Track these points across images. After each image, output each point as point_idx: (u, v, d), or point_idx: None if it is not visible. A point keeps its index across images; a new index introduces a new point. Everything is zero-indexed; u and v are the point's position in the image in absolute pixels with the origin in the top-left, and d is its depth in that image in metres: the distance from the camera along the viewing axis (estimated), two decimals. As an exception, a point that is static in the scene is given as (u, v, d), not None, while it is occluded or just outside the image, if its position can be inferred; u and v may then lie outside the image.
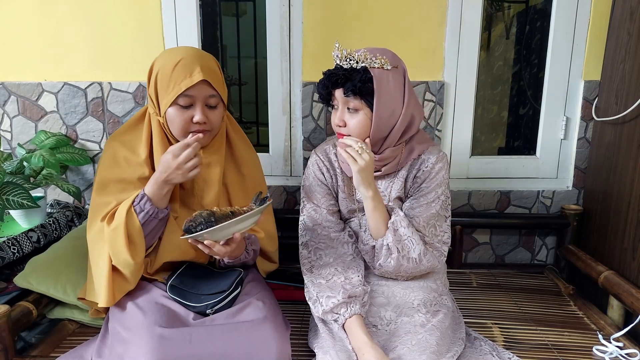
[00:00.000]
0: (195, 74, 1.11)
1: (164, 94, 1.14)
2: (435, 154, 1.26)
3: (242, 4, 2.27)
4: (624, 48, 1.56)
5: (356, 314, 1.13)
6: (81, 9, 1.70)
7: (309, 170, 1.34)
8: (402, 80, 1.19)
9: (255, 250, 1.30)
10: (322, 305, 1.16)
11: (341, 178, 1.31)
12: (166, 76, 1.13)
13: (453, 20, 1.70)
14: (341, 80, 1.14)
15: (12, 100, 1.77)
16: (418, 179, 1.25)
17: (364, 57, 1.14)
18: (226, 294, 1.15)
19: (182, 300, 1.14)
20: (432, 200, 1.23)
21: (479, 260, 1.91)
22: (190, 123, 1.15)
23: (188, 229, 1.01)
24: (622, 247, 1.54)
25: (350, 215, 1.34)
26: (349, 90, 1.14)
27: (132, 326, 1.08)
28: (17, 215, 1.56)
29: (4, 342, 1.15)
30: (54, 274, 1.33)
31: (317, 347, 1.15)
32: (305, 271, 1.26)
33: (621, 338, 1.32)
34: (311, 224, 1.29)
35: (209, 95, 1.15)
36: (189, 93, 1.12)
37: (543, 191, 1.84)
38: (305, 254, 1.28)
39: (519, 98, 2.09)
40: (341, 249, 1.26)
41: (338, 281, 1.19)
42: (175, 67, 1.12)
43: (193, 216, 1.02)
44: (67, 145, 1.76)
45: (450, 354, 1.11)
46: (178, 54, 1.14)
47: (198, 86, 1.12)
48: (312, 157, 1.34)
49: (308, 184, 1.33)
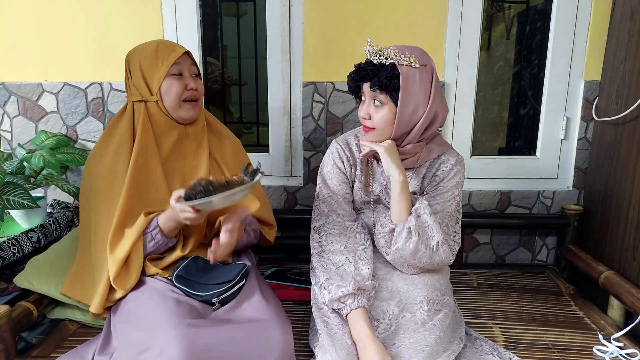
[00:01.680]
0: (177, 48, 1.27)
1: (154, 72, 1.24)
2: (455, 157, 1.30)
3: (243, 4, 2.26)
4: (625, 48, 1.56)
5: (362, 306, 1.15)
6: (82, 9, 1.70)
7: (329, 157, 1.36)
8: (430, 78, 1.21)
9: (255, 230, 1.37)
10: (329, 293, 1.18)
11: (360, 168, 1.34)
12: (151, 58, 1.24)
13: (453, 21, 1.70)
14: (369, 75, 1.19)
15: (12, 101, 1.77)
16: (437, 177, 1.29)
17: (393, 54, 1.18)
18: (232, 284, 1.16)
19: (189, 290, 1.16)
20: (448, 199, 1.27)
21: (479, 261, 1.91)
22: (185, 90, 1.26)
23: (188, 197, 1.04)
24: (622, 247, 1.54)
25: (362, 206, 1.36)
26: (375, 85, 1.18)
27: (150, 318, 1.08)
28: (17, 215, 1.56)
29: (5, 342, 1.15)
30: (54, 274, 1.33)
31: (317, 348, 1.15)
32: (315, 254, 1.29)
33: (621, 338, 1.32)
34: (326, 209, 1.32)
35: (192, 64, 1.30)
36: (178, 61, 1.25)
37: (543, 191, 1.84)
38: (317, 237, 1.31)
39: (519, 98, 2.09)
40: (353, 239, 1.28)
41: (348, 270, 1.20)
42: (157, 49, 1.25)
43: (192, 184, 1.05)
44: (68, 146, 1.76)
45: (447, 353, 1.12)
46: (152, 42, 1.28)
47: (183, 57, 1.26)
48: (333, 145, 1.37)
49: (327, 171, 1.35)
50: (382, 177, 1.32)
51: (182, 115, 1.27)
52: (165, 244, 1.22)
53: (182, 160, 1.30)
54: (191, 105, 1.28)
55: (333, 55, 1.71)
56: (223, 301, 1.15)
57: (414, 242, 1.20)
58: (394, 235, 1.24)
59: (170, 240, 1.22)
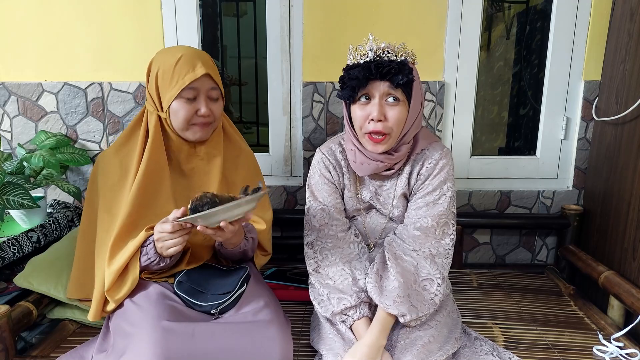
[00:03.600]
0: (197, 68, 1.15)
1: (167, 89, 1.16)
2: (439, 150, 1.24)
3: (243, 4, 2.26)
4: (624, 48, 1.56)
5: (365, 316, 1.16)
6: (82, 9, 1.70)
7: (315, 168, 1.30)
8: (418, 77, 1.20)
9: (253, 238, 1.29)
10: (332, 307, 1.17)
11: (347, 177, 1.28)
12: (168, 72, 1.15)
13: (453, 21, 1.70)
14: (394, 70, 1.10)
15: (12, 101, 1.77)
16: (422, 175, 1.23)
17: (403, 51, 1.14)
18: (231, 294, 1.15)
19: (189, 298, 1.14)
20: (437, 197, 1.21)
21: (479, 261, 1.91)
22: (194, 115, 1.18)
23: (195, 208, 1.01)
24: (622, 247, 1.54)
25: (355, 213, 1.33)
26: (400, 82, 1.10)
27: (135, 320, 1.08)
28: (17, 215, 1.56)
29: (4, 342, 1.15)
30: (54, 274, 1.33)
31: (326, 349, 1.15)
32: (312, 271, 1.26)
33: (621, 338, 1.32)
34: (317, 223, 1.27)
35: (211, 88, 1.19)
36: (193, 86, 1.15)
37: (543, 191, 1.84)
38: (311, 253, 1.27)
39: (519, 98, 2.09)
40: (347, 249, 1.26)
41: (346, 283, 1.20)
42: (177, 63, 1.15)
43: (199, 196, 1.02)
44: (68, 146, 1.76)
45: (442, 352, 1.12)
46: (177, 52, 1.17)
47: (201, 79, 1.16)
48: (317, 155, 1.31)
49: (314, 182, 1.30)
50: (370, 184, 1.28)
51: (189, 137, 1.21)
52: (157, 262, 1.14)
53: (189, 178, 1.26)
54: (200, 127, 1.20)
55: (333, 55, 1.71)
56: (222, 311, 1.14)
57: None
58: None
59: (163, 260, 1.15)
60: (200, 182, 1.26)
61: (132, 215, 1.16)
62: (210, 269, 1.24)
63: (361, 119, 1.15)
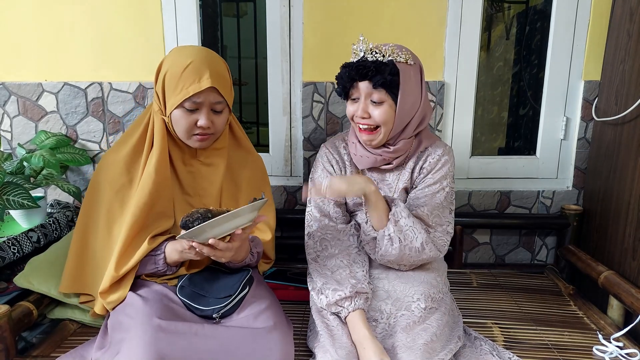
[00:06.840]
0: (203, 80, 1.11)
1: (171, 95, 1.14)
2: (442, 147, 1.32)
3: (243, 4, 2.27)
4: (624, 48, 1.56)
5: (359, 308, 1.16)
6: (82, 9, 1.70)
7: (318, 162, 1.38)
8: (420, 76, 1.24)
9: (259, 253, 1.29)
10: (327, 297, 1.19)
11: (350, 171, 1.36)
12: (175, 77, 1.12)
13: (453, 21, 1.71)
14: (372, 72, 1.17)
15: (12, 101, 1.77)
16: (424, 170, 1.30)
17: (392, 51, 1.18)
18: (233, 297, 1.14)
19: (190, 303, 1.14)
20: (436, 190, 1.27)
21: (479, 261, 1.91)
22: (194, 127, 1.16)
23: (185, 225, 1.00)
24: (622, 247, 1.54)
25: (355, 208, 1.37)
26: (378, 82, 1.17)
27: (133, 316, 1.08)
28: (17, 215, 1.56)
29: (5, 342, 1.15)
30: (54, 274, 1.33)
31: (317, 348, 1.15)
32: (311, 260, 1.30)
33: (621, 338, 1.32)
34: (318, 214, 1.33)
35: (215, 102, 1.16)
36: (195, 99, 1.12)
37: (543, 191, 1.84)
38: (311, 243, 1.31)
39: (519, 98, 2.09)
40: (347, 242, 1.29)
41: (344, 274, 1.21)
42: (185, 70, 1.11)
43: (190, 212, 1.01)
44: (68, 146, 1.76)
45: (445, 352, 1.12)
46: (189, 56, 1.13)
47: (205, 92, 1.12)
48: (322, 150, 1.39)
49: (317, 176, 1.37)
50: (372, 178, 1.33)
51: (190, 145, 1.21)
52: (164, 272, 1.18)
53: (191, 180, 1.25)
54: (200, 138, 1.18)
55: (333, 55, 1.71)
56: (223, 315, 1.13)
57: (397, 248, 1.21)
58: (377, 242, 1.25)
59: (170, 269, 1.18)
60: (201, 188, 1.25)
61: (138, 222, 1.16)
62: (212, 270, 1.24)
63: (350, 114, 1.27)
